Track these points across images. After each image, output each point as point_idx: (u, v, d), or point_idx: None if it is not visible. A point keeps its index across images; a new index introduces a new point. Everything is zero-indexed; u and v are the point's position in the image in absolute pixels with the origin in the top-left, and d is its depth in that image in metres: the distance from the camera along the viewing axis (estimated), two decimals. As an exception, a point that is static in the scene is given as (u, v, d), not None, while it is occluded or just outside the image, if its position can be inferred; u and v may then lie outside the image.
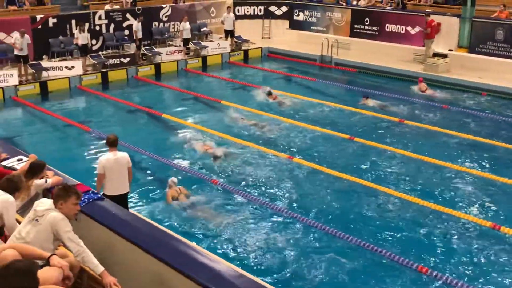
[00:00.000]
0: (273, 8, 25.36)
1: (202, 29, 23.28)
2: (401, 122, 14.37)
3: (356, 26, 22.58)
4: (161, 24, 22.51)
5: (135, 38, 20.14)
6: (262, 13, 25.35)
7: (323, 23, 23.70)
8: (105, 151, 8.90)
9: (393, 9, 22.84)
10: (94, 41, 20.36)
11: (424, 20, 19.65)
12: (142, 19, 20.26)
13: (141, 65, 19.93)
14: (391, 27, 21.55)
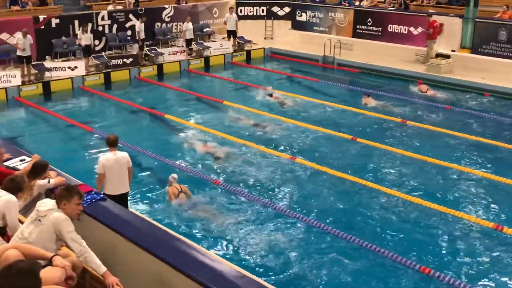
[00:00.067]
0: (275, 8, 25.38)
1: (204, 30, 23.28)
2: (403, 122, 14.35)
3: (358, 26, 22.59)
4: (164, 24, 22.52)
5: (137, 38, 20.15)
6: (264, 13, 25.39)
7: (326, 23, 23.70)
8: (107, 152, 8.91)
9: (396, 9, 22.83)
10: (97, 42, 20.40)
11: (426, 20, 19.66)
12: (144, 20, 20.28)
13: (144, 66, 19.96)
14: (393, 28, 21.54)
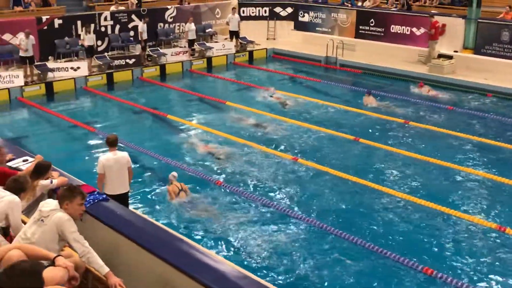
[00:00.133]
0: (278, 9, 25.36)
1: (207, 30, 23.30)
2: (406, 123, 14.34)
3: (361, 27, 22.58)
4: (166, 25, 22.54)
5: (140, 39, 20.17)
6: (267, 14, 25.37)
7: (328, 24, 23.69)
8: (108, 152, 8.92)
9: (398, 10, 22.81)
10: (99, 42, 20.43)
11: (428, 21, 19.65)
12: (147, 20, 20.29)
13: (146, 66, 19.97)
14: (396, 28, 21.53)
